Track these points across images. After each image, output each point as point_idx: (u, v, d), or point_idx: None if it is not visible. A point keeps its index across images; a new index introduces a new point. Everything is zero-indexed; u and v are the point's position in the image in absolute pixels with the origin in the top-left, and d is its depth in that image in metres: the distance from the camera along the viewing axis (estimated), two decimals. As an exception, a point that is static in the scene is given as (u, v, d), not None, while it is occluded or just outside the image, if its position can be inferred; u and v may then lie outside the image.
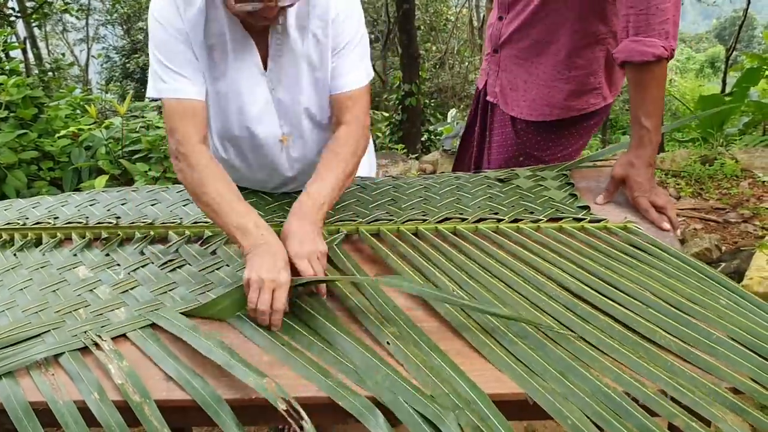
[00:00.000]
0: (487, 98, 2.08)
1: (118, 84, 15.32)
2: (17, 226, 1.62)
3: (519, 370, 1.02)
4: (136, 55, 14.76)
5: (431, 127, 9.35)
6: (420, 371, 1.03)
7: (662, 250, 1.35)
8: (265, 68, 1.46)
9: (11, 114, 4.00)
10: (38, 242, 1.56)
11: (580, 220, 1.48)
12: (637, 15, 1.47)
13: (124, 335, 1.17)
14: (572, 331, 1.10)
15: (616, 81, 1.88)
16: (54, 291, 1.34)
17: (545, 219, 1.49)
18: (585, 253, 1.34)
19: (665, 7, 1.44)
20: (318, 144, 1.60)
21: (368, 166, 1.91)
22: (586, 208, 1.54)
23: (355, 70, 1.50)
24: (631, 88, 1.53)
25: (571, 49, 1.78)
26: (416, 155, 7.43)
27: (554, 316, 1.14)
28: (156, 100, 1.45)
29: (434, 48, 14.61)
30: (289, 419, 0.95)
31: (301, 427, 0.93)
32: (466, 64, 14.03)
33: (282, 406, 0.95)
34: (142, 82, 14.69)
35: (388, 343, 1.10)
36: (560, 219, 1.49)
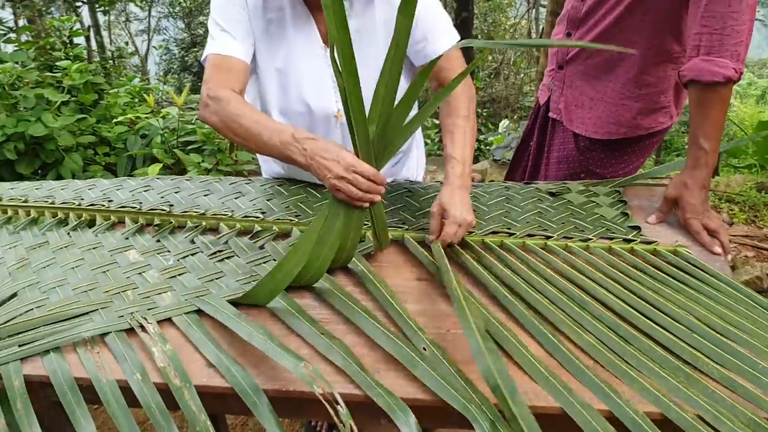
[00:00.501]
0: (550, 114, 2.06)
1: (176, 76, 15.65)
2: (73, 206, 1.67)
3: (554, 382, 1.00)
4: (195, 49, 15.04)
5: (482, 137, 9.28)
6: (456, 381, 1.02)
7: (712, 276, 1.31)
8: (326, 44, 1.49)
9: (72, 98, 4.13)
10: (92, 223, 1.60)
11: (630, 241, 1.45)
12: (710, 34, 1.44)
13: (169, 319, 1.19)
14: (612, 350, 1.08)
15: (682, 100, 1.85)
16: (104, 272, 1.37)
17: (595, 239, 1.46)
18: (632, 275, 1.31)
19: (741, 29, 1.41)
20: None
21: (416, 165, 1.91)
22: (637, 228, 1.51)
23: (444, 34, 1.55)
24: (694, 108, 1.50)
25: (643, 67, 1.75)
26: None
27: (596, 334, 1.12)
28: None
29: (490, 57, 14.53)
30: (325, 403, 0.94)
31: (337, 413, 0.93)
32: (522, 75, 13.92)
33: (318, 390, 0.95)
34: (200, 75, 14.94)
35: (424, 349, 1.09)
36: (610, 239, 1.47)
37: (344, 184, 1.20)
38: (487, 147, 8.60)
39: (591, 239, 1.46)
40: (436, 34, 1.53)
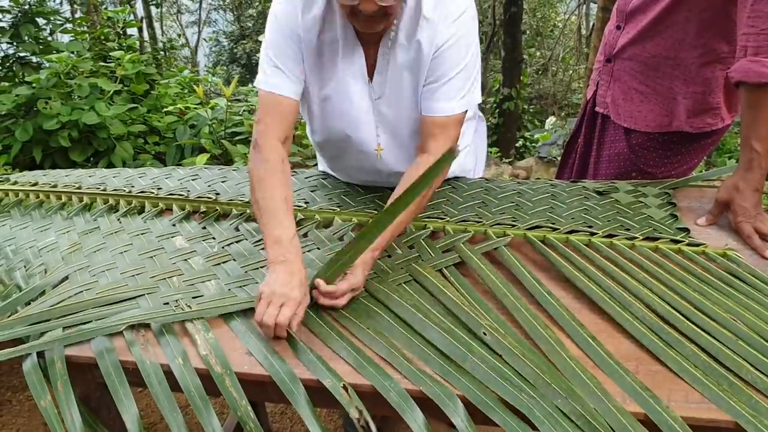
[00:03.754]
0: (596, 109, 2.02)
1: (225, 68, 15.83)
2: (123, 193, 1.71)
3: (591, 385, 0.99)
4: (244, 41, 15.20)
5: (527, 134, 9.19)
6: (519, 361, 1.03)
7: (762, 281, 1.27)
8: (371, 79, 1.48)
9: (125, 88, 4.22)
10: (141, 210, 1.64)
11: (677, 242, 1.42)
12: (757, 35, 1.40)
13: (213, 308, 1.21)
14: (654, 354, 1.06)
15: (736, 103, 1.79)
16: (151, 257, 1.40)
17: (641, 237, 1.43)
18: (678, 276, 1.27)
19: None
20: (403, 162, 1.59)
21: (474, 161, 1.89)
22: (686, 230, 1.47)
23: (450, 99, 1.46)
24: (744, 109, 1.46)
25: (690, 65, 1.71)
26: (509, 160, 7.32)
27: (636, 337, 1.09)
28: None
29: (538, 54, 14.33)
30: (357, 426, 0.96)
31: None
32: (570, 72, 13.71)
33: (354, 414, 0.96)
34: (248, 67, 15.14)
35: (484, 333, 1.10)
36: (657, 239, 1.43)
37: (263, 302, 1.15)
38: (533, 144, 8.51)
39: (637, 238, 1.43)
40: (442, 95, 1.45)
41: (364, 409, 0.97)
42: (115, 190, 1.75)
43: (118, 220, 1.59)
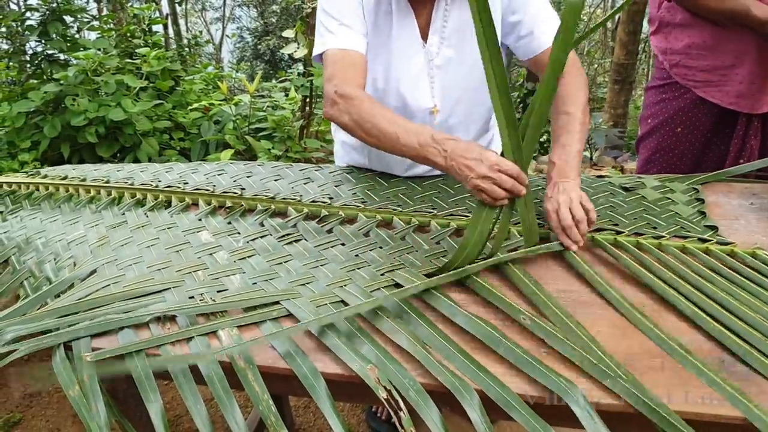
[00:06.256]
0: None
1: (248, 64, 15.91)
2: (150, 188, 1.73)
3: (623, 383, 0.98)
4: (268, 38, 15.25)
5: (548, 128, 9.12)
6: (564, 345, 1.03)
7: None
8: (425, 39, 1.49)
9: (150, 84, 4.27)
10: (168, 204, 1.66)
11: (705, 241, 1.40)
12: None
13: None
14: (681, 354, 1.04)
15: None
16: (177, 251, 1.41)
17: (668, 237, 1.41)
18: (706, 275, 1.25)
19: None
20: (464, 126, 1.61)
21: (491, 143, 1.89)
22: (714, 228, 1.45)
23: (550, 25, 1.51)
24: None
25: None
26: (533, 155, 7.28)
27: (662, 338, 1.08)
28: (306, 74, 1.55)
29: (563, 48, 14.21)
30: (387, 407, 0.95)
31: (399, 418, 0.94)
32: (596, 66, 13.57)
33: (383, 395, 0.96)
34: (272, 63, 15.19)
35: (524, 318, 1.10)
36: (684, 237, 1.41)
37: (488, 184, 1.16)
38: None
39: (664, 237, 1.41)
40: (543, 26, 1.50)
41: (393, 389, 0.97)
42: (142, 184, 1.77)
43: (145, 214, 1.61)
